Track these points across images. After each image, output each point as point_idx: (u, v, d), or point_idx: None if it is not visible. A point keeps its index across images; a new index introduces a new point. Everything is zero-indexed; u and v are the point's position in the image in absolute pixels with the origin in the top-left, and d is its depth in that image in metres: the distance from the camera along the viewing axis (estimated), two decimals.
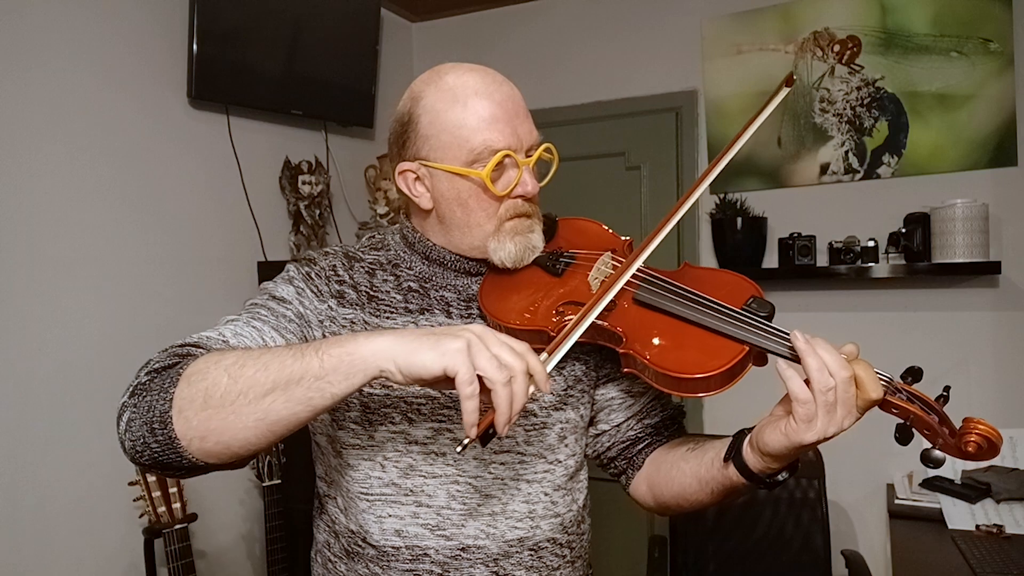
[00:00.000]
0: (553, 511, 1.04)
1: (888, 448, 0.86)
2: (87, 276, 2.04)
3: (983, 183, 2.45)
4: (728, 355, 0.87)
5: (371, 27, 2.88)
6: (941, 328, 2.50)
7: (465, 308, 1.05)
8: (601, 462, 1.15)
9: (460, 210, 1.00)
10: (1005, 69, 2.41)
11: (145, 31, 2.21)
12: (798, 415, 0.82)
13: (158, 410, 0.77)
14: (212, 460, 0.79)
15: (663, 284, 0.96)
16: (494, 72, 1.02)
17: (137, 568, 2.07)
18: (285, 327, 0.95)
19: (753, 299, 0.91)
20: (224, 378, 0.76)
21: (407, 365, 0.73)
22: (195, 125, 2.38)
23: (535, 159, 1.01)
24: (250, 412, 0.75)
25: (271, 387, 0.75)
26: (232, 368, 0.76)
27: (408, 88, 1.03)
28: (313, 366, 0.75)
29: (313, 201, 2.70)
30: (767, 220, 2.70)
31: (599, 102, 3.00)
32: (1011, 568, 1.73)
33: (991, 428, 0.80)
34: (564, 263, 1.04)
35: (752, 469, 0.91)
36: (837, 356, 0.82)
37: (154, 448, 0.78)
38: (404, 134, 1.01)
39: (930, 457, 0.83)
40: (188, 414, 0.76)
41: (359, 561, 1.01)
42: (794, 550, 2.31)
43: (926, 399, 0.84)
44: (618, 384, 1.11)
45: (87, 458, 2.01)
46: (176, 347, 0.85)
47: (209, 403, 0.75)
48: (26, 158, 1.91)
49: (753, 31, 2.74)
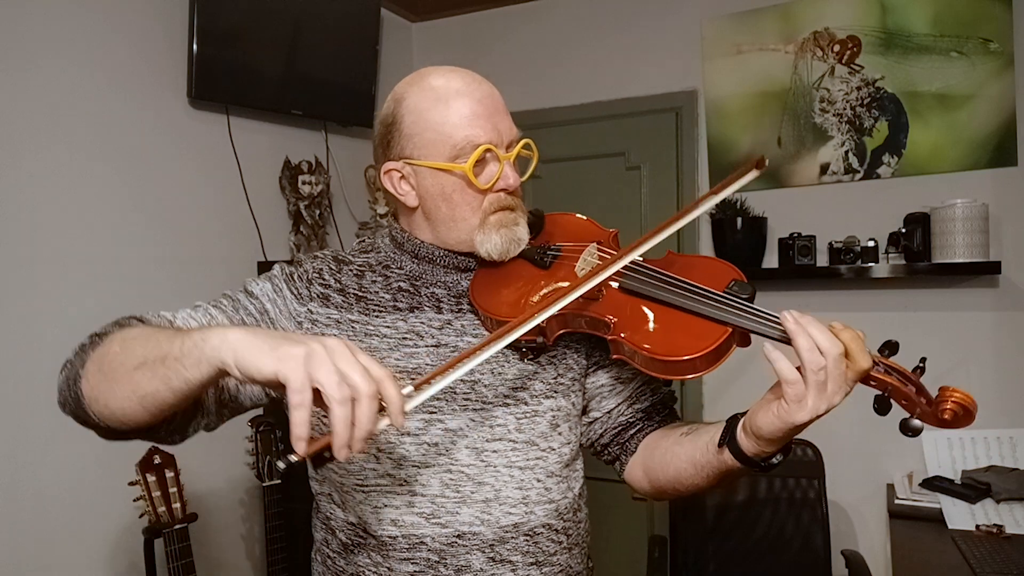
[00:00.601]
0: (547, 497, 1.05)
1: (888, 448, 0.87)
2: (87, 276, 2.04)
3: (983, 183, 2.45)
4: (712, 337, 0.90)
5: (371, 27, 2.88)
6: (941, 328, 2.50)
7: (456, 303, 1.07)
8: (595, 450, 1.17)
9: (445, 205, 1.03)
10: (1005, 69, 2.41)
11: (145, 31, 2.22)
12: (788, 396, 0.84)
13: (76, 368, 0.86)
14: (112, 424, 0.84)
15: (647, 271, 0.99)
16: (474, 73, 1.05)
17: (137, 568, 2.07)
18: (241, 320, 0.99)
19: (734, 282, 0.94)
20: (117, 347, 0.82)
21: (243, 362, 0.73)
22: (195, 125, 2.38)
23: (515, 153, 1.04)
24: (125, 382, 0.80)
25: (142, 361, 0.79)
26: (127, 340, 0.82)
27: (391, 92, 1.07)
28: (175, 348, 0.77)
29: (313, 201, 2.71)
30: (767, 220, 2.70)
31: (599, 102, 3.00)
32: (1011, 568, 1.73)
33: (966, 395, 0.83)
34: (551, 256, 1.06)
35: (747, 453, 0.92)
36: (826, 333, 0.83)
37: (70, 401, 0.86)
38: (388, 135, 1.04)
39: (909, 426, 0.86)
40: (89, 375, 0.83)
41: (359, 553, 1.02)
42: (794, 550, 2.31)
43: (903, 370, 0.86)
44: (608, 371, 1.13)
45: (87, 458, 2.01)
46: (124, 318, 0.92)
47: (101, 369, 0.82)
48: (26, 158, 1.91)
49: (753, 31, 2.73)
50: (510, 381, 1.04)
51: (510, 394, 1.04)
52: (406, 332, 1.03)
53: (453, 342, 1.04)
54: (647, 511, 2.89)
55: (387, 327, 1.03)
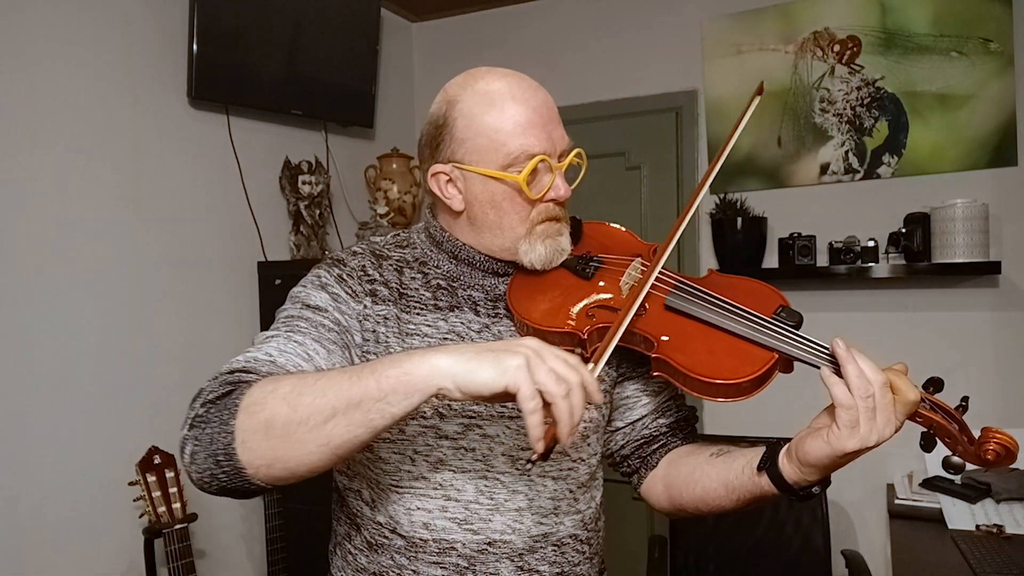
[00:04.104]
0: (575, 507, 1.05)
1: (888, 448, 0.88)
2: (87, 276, 2.04)
3: (983, 183, 2.45)
4: (759, 362, 0.90)
5: (371, 27, 2.88)
6: (941, 328, 2.50)
7: (492, 307, 1.06)
8: (614, 460, 1.17)
9: (493, 212, 1.01)
10: (1005, 69, 2.41)
11: (145, 31, 2.22)
12: (842, 421, 0.84)
13: (221, 442, 0.78)
14: (279, 484, 0.81)
15: (694, 291, 0.98)
16: (528, 78, 1.03)
17: (137, 568, 2.07)
18: (326, 337, 0.95)
19: (782, 308, 0.95)
20: (283, 407, 0.76)
21: (466, 383, 0.74)
22: (195, 125, 2.38)
23: (567, 163, 1.03)
24: (313, 439, 0.76)
25: (331, 413, 0.75)
26: (290, 397, 0.77)
27: (442, 91, 1.04)
28: (372, 388, 0.75)
29: (313, 201, 2.70)
30: (767, 220, 2.70)
31: (599, 102, 3.00)
32: (1011, 568, 1.73)
33: (1009, 437, 0.85)
34: (593, 267, 1.05)
35: (788, 479, 0.92)
36: (871, 363, 0.85)
37: (222, 478, 0.79)
38: (438, 136, 1.02)
39: (951, 463, 0.91)
40: (251, 444, 0.77)
41: (383, 553, 1.02)
42: (794, 550, 2.31)
43: (948, 408, 0.88)
44: (634, 383, 1.13)
45: (87, 458, 2.01)
46: (226, 374, 0.85)
47: (271, 433, 0.76)
48: (26, 158, 1.91)
49: (753, 31, 2.73)
50: None
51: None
52: (447, 332, 1.03)
53: None
54: (647, 511, 2.89)
55: (428, 325, 1.03)
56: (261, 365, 0.87)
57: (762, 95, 1.03)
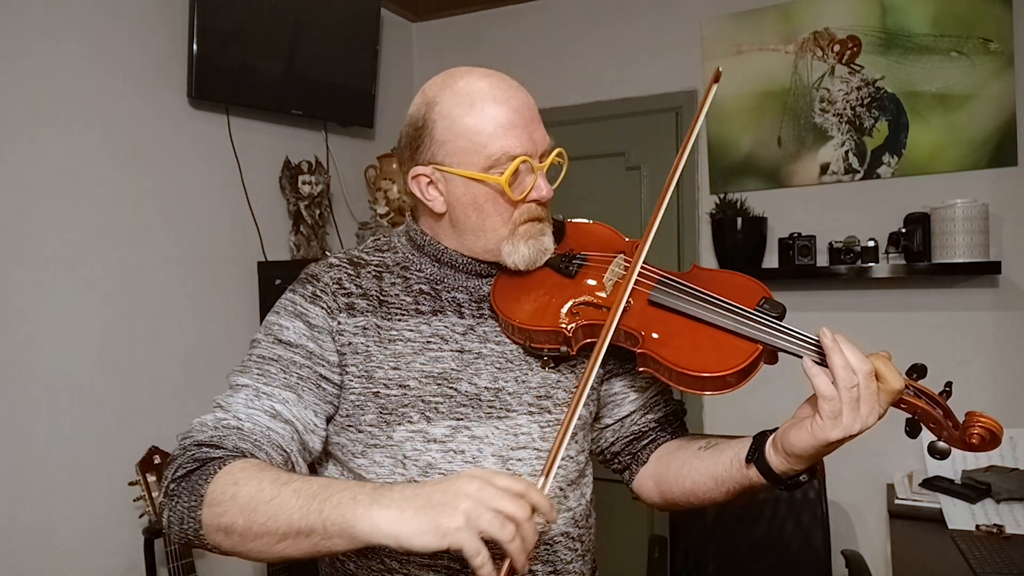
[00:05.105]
0: (565, 505, 1.05)
1: (888, 448, 0.89)
2: (87, 276, 2.04)
3: (983, 183, 2.45)
4: (743, 354, 0.90)
5: (371, 27, 2.88)
6: (941, 328, 2.50)
7: (476, 308, 1.06)
8: (605, 458, 1.17)
9: (475, 214, 1.01)
10: (1005, 69, 2.41)
11: (145, 30, 2.22)
12: (824, 412, 0.85)
13: (191, 526, 0.86)
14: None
15: (677, 285, 0.98)
16: (508, 77, 1.02)
17: (137, 568, 2.07)
18: (297, 375, 0.97)
19: (765, 300, 0.94)
20: (240, 520, 0.82)
21: (408, 545, 0.74)
22: (195, 125, 2.38)
23: (548, 163, 1.02)
24: (266, 548, 0.82)
25: (283, 536, 0.80)
26: (246, 510, 0.81)
27: (420, 92, 1.03)
28: (317, 526, 0.78)
29: (313, 201, 2.71)
30: (767, 220, 2.70)
31: (599, 102, 3.00)
32: (1011, 568, 1.73)
33: (992, 420, 0.85)
34: (577, 265, 1.06)
35: (775, 470, 0.92)
36: (858, 352, 0.85)
37: (196, 545, 0.88)
38: (418, 138, 1.01)
39: (936, 449, 0.89)
40: (216, 539, 0.85)
41: (372, 557, 1.02)
42: (794, 550, 2.31)
43: (932, 394, 0.89)
44: (621, 379, 1.13)
45: (87, 458, 2.01)
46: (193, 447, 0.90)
47: (231, 538, 0.83)
48: (25, 157, 1.91)
49: (753, 31, 2.73)
50: (534, 389, 1.04)
51: (534, 403, 1.03)
52: (430, 336, 1.02)
53: (476, 348, 1.03)
54: (647, 511, 2.89)
55: (410, 331, 1.02)
56: (227, 437, 0.91)
57: (719, 82, 1.03)
